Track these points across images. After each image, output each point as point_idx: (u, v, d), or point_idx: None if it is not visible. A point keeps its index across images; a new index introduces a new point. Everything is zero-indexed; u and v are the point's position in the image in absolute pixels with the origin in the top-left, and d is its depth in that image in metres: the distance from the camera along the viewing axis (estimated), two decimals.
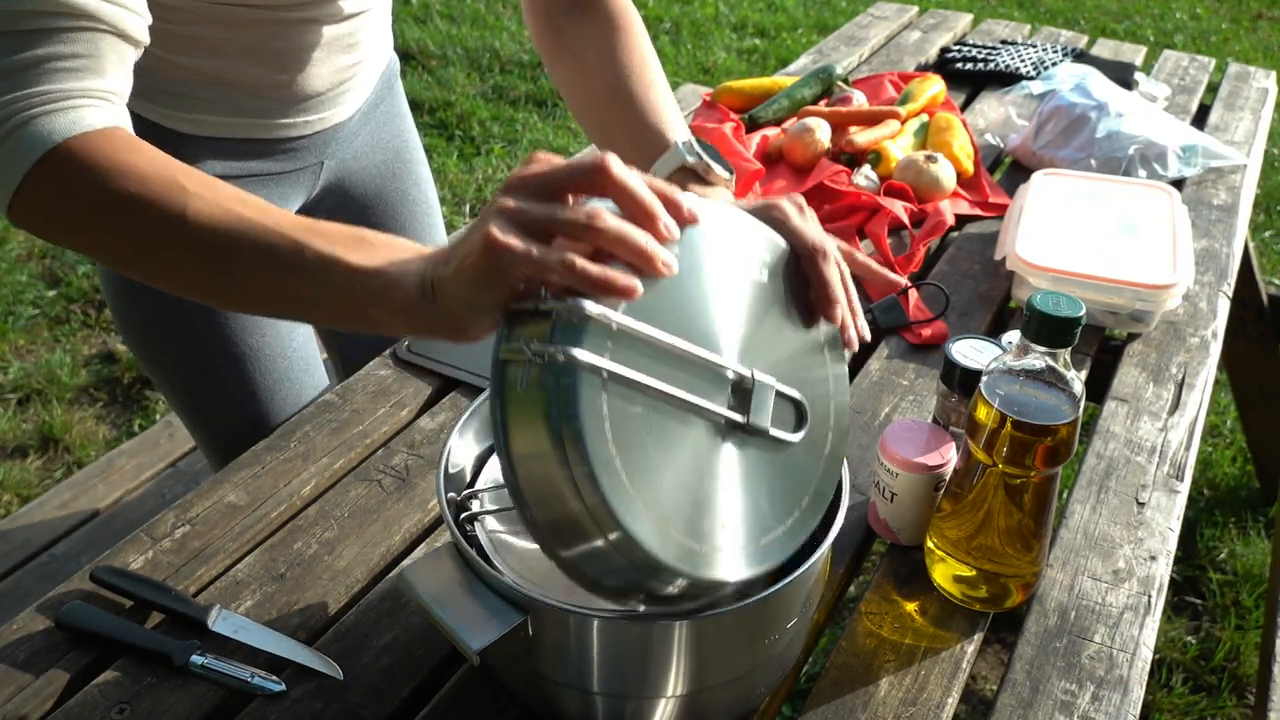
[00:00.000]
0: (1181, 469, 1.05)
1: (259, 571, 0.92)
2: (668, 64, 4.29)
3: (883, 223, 1.41)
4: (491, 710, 0.81)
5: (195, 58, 0.97)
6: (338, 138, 1.18)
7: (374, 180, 1.28)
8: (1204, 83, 1.97)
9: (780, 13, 4.91)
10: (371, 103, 1.23)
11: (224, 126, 1.04)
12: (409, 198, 1.34)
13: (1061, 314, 0.74)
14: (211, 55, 0.98)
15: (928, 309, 1.28)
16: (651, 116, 0.80)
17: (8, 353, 2.57)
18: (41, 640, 0.86)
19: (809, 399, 0.68)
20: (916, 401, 1.14)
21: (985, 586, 0.88)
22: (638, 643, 0.69)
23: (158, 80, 0.98)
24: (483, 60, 4.30)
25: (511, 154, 3.56)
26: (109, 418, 2.39)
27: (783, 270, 0.67)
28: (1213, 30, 4.80)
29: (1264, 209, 3.34)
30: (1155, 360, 1.21)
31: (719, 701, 0.76)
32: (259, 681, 0.81)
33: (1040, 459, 0.79)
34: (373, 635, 0.86)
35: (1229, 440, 2.39)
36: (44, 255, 2.92)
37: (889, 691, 0.83)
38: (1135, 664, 0.85)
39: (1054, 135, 1.61)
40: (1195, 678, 1.84)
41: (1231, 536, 2.12)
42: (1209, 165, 1.61)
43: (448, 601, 0.68)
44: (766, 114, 1.70)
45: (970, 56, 2.00)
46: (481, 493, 0.80)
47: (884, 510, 0.94)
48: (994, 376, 0.80)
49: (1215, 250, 1.44)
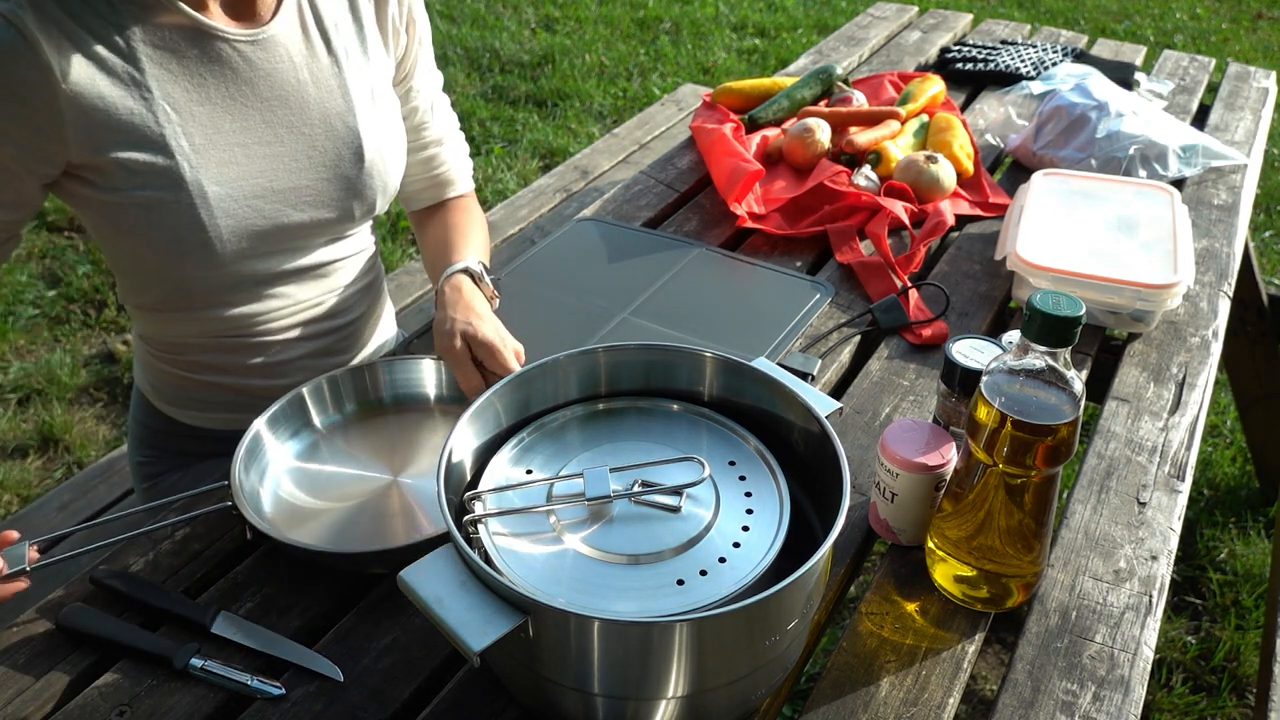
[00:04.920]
0: (1182, 469, 1.05)
1: (259, 574, 0.92)
2: (668, 64, 4.29)
3: (883, 223, 1.41)
4: (492, 711, 0.81)
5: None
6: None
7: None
8: (1204, 83, 1.97)
9: (780, 13, 4.91)
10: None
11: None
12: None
13: (1062, 314, 0.74)
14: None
15: (928, 309, 1.28)
16: (453, 251, 1.18)
17: (8, 353, 2.57)
18: (42, 642, 0.86)
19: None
20: (917, 401, 1.14)
21: (986, 586, 0.88)
22: (638, 644, 0.69)
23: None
24: (483, 60, 4.30)
25: (511, 154, 3.56)
26: (109, 418, 2.39)
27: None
28: (1213, 30, 4.80)
29: (1264, 209, 3.34)
30: (1156, 360, 1.21)
31: (720, 702, 0.76)
32: (258, 685, 0.81)
33: (1041, 459, 0.79)
34: (373, 637, 0.86)
35: (1229, 440, 2.39)
36: (44, 255, 2.92)
37: (890, 692, 0.83)
38: (1136, 664, 0.85)
39: (1054, 135, 1.61)
40: (1195, 678, 1.84)
41: (1231, 536, 2.12)
42: (1209, 165, 1.61)
43: (448, 602, 0.68)
44: (766, 114, 1.70)
45: (970, 56, 2.00)
46: (484, 494, 0.80)
47: (884, 510, 0.94)
48: (994, 376, 0.80)
49: (1215, 250, 1.43)
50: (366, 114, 1.10)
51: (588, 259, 1.39)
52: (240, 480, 0.95)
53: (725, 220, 1.49)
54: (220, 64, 1.01)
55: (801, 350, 1.22)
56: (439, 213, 1.29)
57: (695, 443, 0.87)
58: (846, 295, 1.32)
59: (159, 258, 1.03)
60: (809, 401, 0.83)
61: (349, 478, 1.01)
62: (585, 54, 4.36)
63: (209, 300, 1.10)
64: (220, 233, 1.02)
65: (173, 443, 1.24)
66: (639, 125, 2.54)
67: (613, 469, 0.81)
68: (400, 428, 1.07)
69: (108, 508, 1.56)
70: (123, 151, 0.96)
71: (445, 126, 1.28)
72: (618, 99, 4.00)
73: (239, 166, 1.02)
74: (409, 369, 1.10)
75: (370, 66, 1.12)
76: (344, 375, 1.08)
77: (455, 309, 1.06)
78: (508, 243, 2.02)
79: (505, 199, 2.27)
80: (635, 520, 0.78)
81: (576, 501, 0.79)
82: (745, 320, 1.25)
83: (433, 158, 1.27)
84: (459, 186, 1.31)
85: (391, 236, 3.07)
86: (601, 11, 4.87)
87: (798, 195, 1.50)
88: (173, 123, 0.98)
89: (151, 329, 1.15)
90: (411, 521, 0.96)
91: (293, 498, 0.98)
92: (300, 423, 1.05)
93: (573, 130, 3.75)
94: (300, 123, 1.06)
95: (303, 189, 1.08)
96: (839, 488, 0.74)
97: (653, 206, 1.54)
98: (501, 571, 0.74)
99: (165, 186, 0.98)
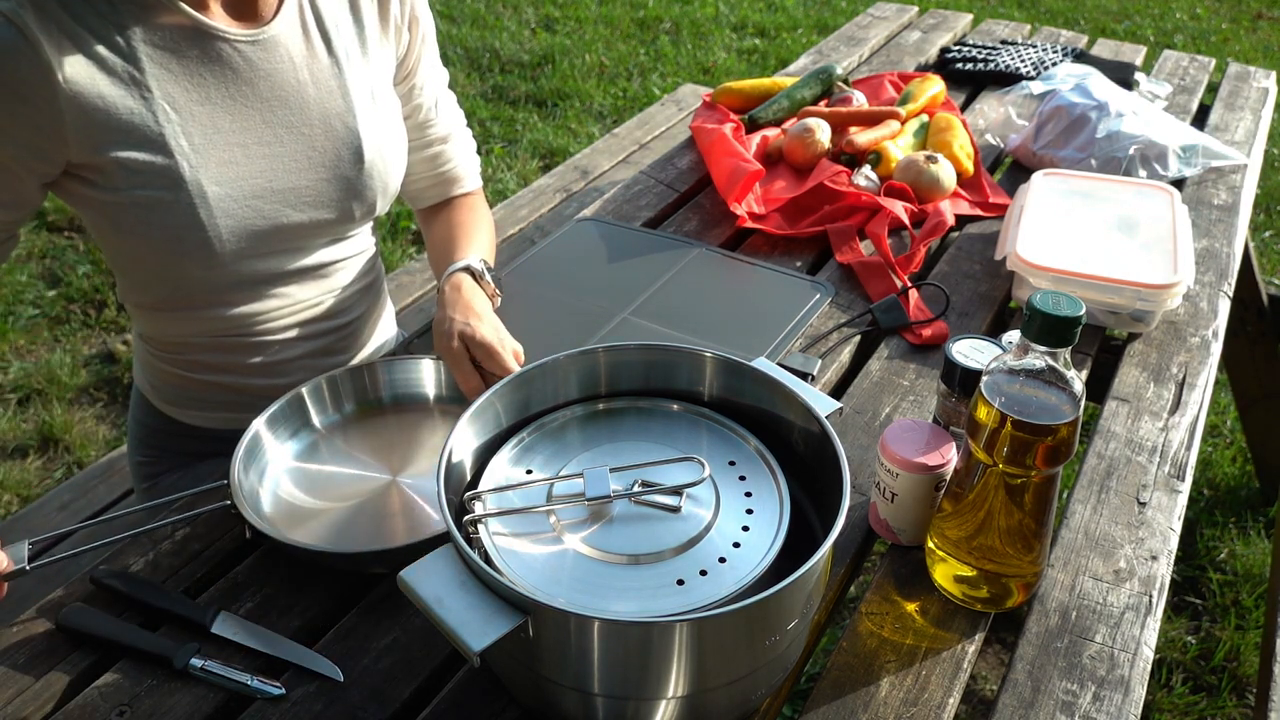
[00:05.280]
0: (1182, 469, 1.05)
1: (259, 574, 0.92)
2: (668, 64, 4.29)
3: (883, 223, 1.41)
4: (492, 711, 0.81)
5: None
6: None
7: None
8: (1204, 83, 1.97)
9: (780, 13, 4.91)
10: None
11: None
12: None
13: (1062, 314, 0.74)
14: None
15: (928, 309, 1.28)
16: (456, 250, 1.20)
17: (8, 353, 2.57)
18: (42, 642, 0.86)
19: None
20: (916, 401, 1.14)
21: (986, 586, 0.88)
22: (638, 644, 0.69)
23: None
24: (483, 60, 4.30)
25: (511, 154, 3.56)
26: (109, 418, 2.39)
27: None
28: (1213, 30, 4.80)
29: (1264, 209, 3.34)
30: (1156, 360, 1.21)
31: (720, 702, 0.76)
32: (258, 685, 0.81)
33: (1041, 459, 0.79)
34: (373, 637, 0.86)
35: (1229, 440, 2.39)
36: (44, 255, 2.92)
37: (890, 692, 0.83)
38: (1136, 664, 0.85)
39: (1054, 135, 1.61)
40: (1195, 678, 1.84)
41: (1231, 536, 2.12)
42: (1209, 165, 1.61)
43: (448, 602, 0.68)
44: (766, 114, 1.70)
45: (970, 56, 2.00)
46: (484, 494, 0.80)
47: (884, 510, 0.94)
48: (994, 376, 0.80)
49: (1215, 250, 1.43)
50: (366, 115, 1.10)
51: (588, 259, 1.39)
52: (240, 480, 0.95)
53: (725, 220, 1.49)
54: (220, 64, 1.01)
55: (801, 350, 1.22)
56: (444, 210, 1.29)
57: (695, 443, 0.87)
58: (846, 295, 1.32)
59: (158, 257, 1.03)
60: (809, 401, 0.83)
61: (348, 478, 1.01)
62: (585, 54, 4.36)
63: (209, 300, 1.10)
64: (219, 232, 1.02)
65: (172, 442, 1.24)
66: (639, 125, 2.54)
67: (613, 469, 0.81)
68: (400, 428, 1.07)
69: (108, 508, 1.56)
70: (122, 151, 0.96)
71: (451, 124, 1.28)
72: (618, 99, 4.00)
73: (238, 167, 1.02)
74: (409, 369, 1.10)
75: (371, 67, 1.12)
76: (344, 375, 1.08)
77: (455, 308, 1.06)
78: (508, 243, 2.02)
79: (505, 199, 2.27)
80: (635, 520, 0.78)
81: (576, 501, 0.79)
82: (745, 320, 1.25)
83: (438, 155, 1.27)
84: (465, 184, 1.31)
85: (391, 236, 3.07)
86: (601, 11, 4.87)
87: (798, 195, 1.50)
88: (172, 122, 0.98)
89: (151, 328, 1.15)
90: (411, 521, 0.96)
91: (292, 498, 0.98)
92: (300, 422, 1.05)
93: (573, 130, 3.75)
94: (300, 123, 1.06)
95: (302, 189, 1.08)
96: (839, 488, 0.74)
97: (653, 206, 1.54)
98: (501, 571, 0.74)
99: (164, 186, 0.98)
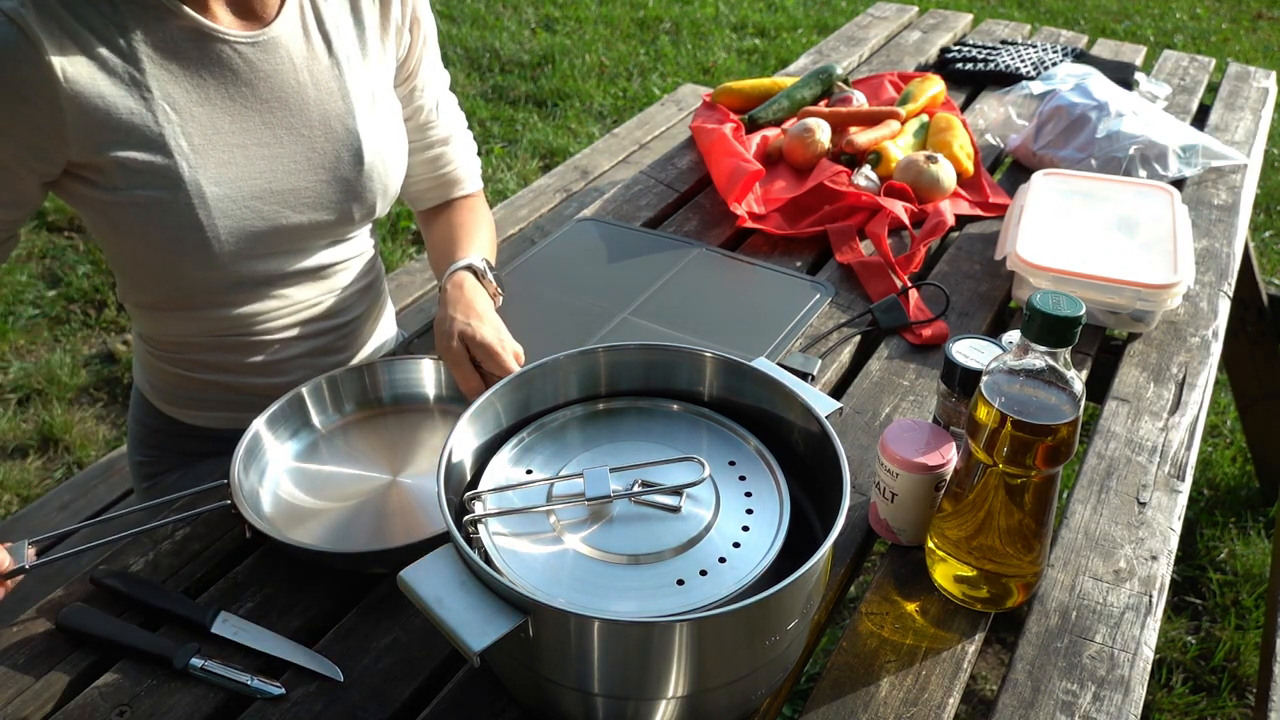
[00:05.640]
0: (1182, 469, 1.05)
1: (259, 574, 0.92)
2: (668, 64, 4.29)
3: (883, 223, 1.41)
4: (492, 711, 0.81)
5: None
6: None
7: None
8: (1204, 83, 1.97)
9: (780, 13, 4.91)
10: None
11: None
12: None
13: (1062, 314, 0.74)
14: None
15: (928, 309, 1.28)
16: (457, 249, 1.20)
17: (8, 353, 2.57)
18: (42, 642, 0.86)
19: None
20: (916, 401, 1.14)
21: (986, 586, 0.88)
22: (638, 644, 0.69)
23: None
24: (483, 60, 4.30)
25: (511, 154, 3.56)
26: (109, 418, 2.39)
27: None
28: (1213, 30, 4.80)
29: (1264, 209, 3.34)
30: (1156, 360, 1.21)
31: (720, 702, 0.76)
32: (258, 685, 0.81)
33: (1041, 459, 0.79)
34: (373, 637, 0.86)
35: (1229, 440, 2.39)
36: (44, 255, 2.92)
37: (890, 692, 0.83)
38: (1136, 664, 0.85)
39: (1054, 135, 1.61)
40: (1195, 678, 1.84)
41: (1231, 536, 2.12)
42: (1209, 165, 1.61)
43: (448, 602, 0.68)
44: (766, 114, 1.70)
45: (970, 56, 2.00)
46: (484, 494, 0.80)
47: (884, 510, 0.94)
48: (994, 376, 0.80)
49: (1215, 250, 1.43)
50: (366, 116, 1.10)
51: (588, 259, 1.39)
52: (240, 480, 0.95)
53: (725, 220, 1.49)
54: (221, 65, 1.01)
55: (801, 350, 1.22)
56: (445, 212, 1.29)
57: (695, 443, 0.87)
58: (846, 295, 1.32)
59: (158, 257, 1.03)
60: (809, 401, 0.83)
61: (348, 478, 1.01)
62: (585, 54, 4.36)
63: (208, 300, 1.10)
64: (218, 233, 1.02)
65: (172, 442, 1.24)
66: (639, 125, 2.54)
67: (613, 469, 0.81)
68: (400, 428, 1.07)
69: (108, 508, 1.56)
70: (122, 151, 0.96)
71: (452, 125, 1.28)
72: (618, 99, 4.00)
73: (238, 167, 1.03)
74: (409, 369, 1.10)
75: (371, 69, 1.12)
76: (344, 375, 1.08)
77: (456, 308, 1.06)
78: (508, 243, 2.02)
79: (505, 199, 2.27)
80: (635, 520, 0.78)
81: (576, 501, 0.79)
82: (745, 320, 1.25)
83: (439, 157, 1.27)
84: (466, 186, 1.31)
85: (391, 236, 3.07)
86: (601, 11, 4.87)
87: (798, 195, 1.50)
88: (172, 123, 0.98)
89: (151, 328, 1.15)
90: (411, 521, 0.96)
91: (292, 497, 0.98)
92: (300, 422, 1.05)
93: (573, 130, 3.74)
94: (300, 124, 1.06)
95: (301, 191, 1.08)
96: (839, 488, 0.74)
97: (653, 206, 1.54)
98: (501, 571, 0.74)
99: (164, 186, 0.98)
